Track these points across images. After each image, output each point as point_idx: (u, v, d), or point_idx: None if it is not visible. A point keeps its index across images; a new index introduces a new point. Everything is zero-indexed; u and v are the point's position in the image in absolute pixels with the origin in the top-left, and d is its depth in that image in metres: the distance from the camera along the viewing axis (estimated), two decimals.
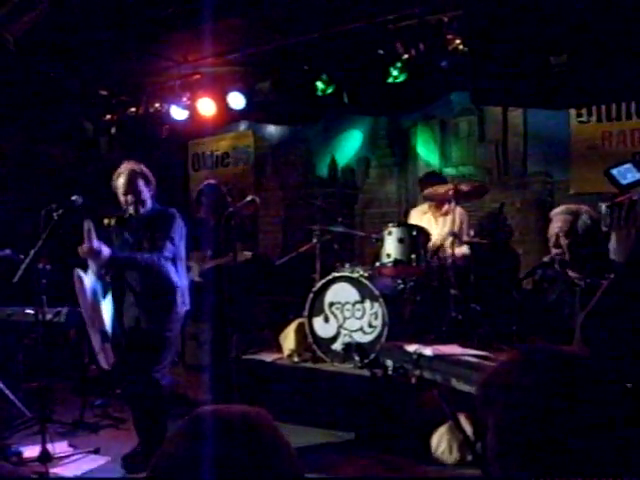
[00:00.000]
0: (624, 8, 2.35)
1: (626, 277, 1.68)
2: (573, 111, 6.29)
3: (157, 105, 7.65)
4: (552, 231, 3.45)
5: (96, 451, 4.54)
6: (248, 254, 5.77)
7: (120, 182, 4.39)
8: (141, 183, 4.40)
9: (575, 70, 2.53)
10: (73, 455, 4.49)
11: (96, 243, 4.03)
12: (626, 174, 1.76)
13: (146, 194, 4.41)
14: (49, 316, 5.25)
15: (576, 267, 3.42)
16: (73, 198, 4.53)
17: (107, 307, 4.28)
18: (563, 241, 3.36)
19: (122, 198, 4.40)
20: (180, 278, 4.44)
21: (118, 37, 6.12)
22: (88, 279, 4.14)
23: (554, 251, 3.43)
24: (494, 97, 3.00)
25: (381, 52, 6.16)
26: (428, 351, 3.60)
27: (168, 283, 4.33)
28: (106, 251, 4.07)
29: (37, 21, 5.39)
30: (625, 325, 1.62)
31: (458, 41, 5.43)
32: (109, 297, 4.32)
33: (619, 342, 1.61)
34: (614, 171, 1.79)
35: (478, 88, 2.78)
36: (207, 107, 7.43)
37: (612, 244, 3.78)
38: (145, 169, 4.49)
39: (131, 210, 4.38)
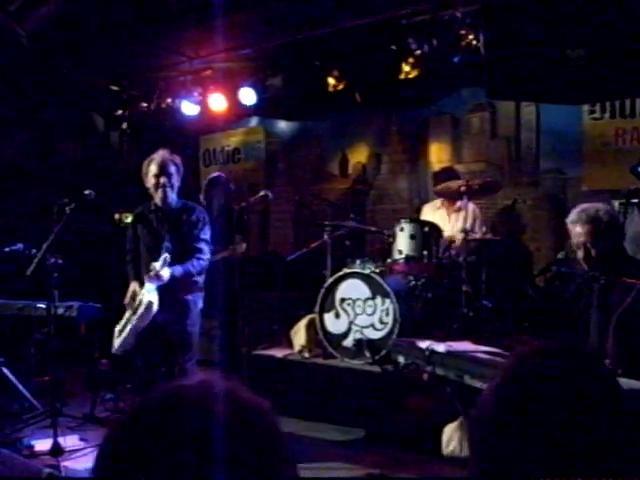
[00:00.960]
0: None
1: None
2: (586, 107, 6.25)
3: (169, 100, 7.65)
4: (578, 243, 3.41)
5: None
6: (242, 246, 5.74)
7: (152, 167, 4.49)
8: (173, 169, 4.49)
9: (592, 64, 2.50)
10: (84, 449, 4.51)
11: (163, 271, 4.23)
12: None
13: (176, 181, 4.51)
14: (61, 310, 5.25)
15: (600, 266, 3.38)
16: (86, 192, 4.57)
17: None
18: (593, 252, 3.33)
19: (153, 181, 4.47)
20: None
21: (130, 32, 6.12)
22: (155, 299, 4.27)
23: (580, 253, 3.40)
24: (510, 91, 2.97)
25: (393, 48, 6.13)
26: (441, 347, 3.57)
27: (200, 285, 4.55)
28: (168, 273, 4.25)
29: (50, 16, 5.39)
30: None
31: (471, 36, 5.41)
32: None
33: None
34: None
35: (494, 82, 2.75)
36: (218, 102, 7.43)
37: (629, 233, 3.75)
38: (178, 159, 4.62)
39: (159, 195, 4.46)
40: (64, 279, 4.85)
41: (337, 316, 5.61)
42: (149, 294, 4.25)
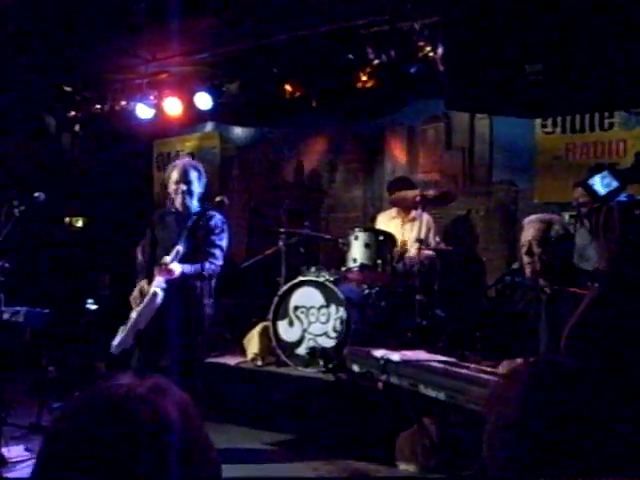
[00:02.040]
0: (601, 19, 2.37)
1: (609, 288, 1.68)
2: (538, 121, 6.37)
3: (123, 103, 7.53)
4: (525, 239, 3.47)
5: None
6: None
7: (174, 173, 4.59)
8: (194, 176, 4.59)
9: (549, 79, 2.54)
10: (30, 459, 4.37)
11: (173, 265, 4.30)
12: (603, 183, 1.74)
13: (197, 188, 4.61)
14: (6, 315, 5.10)
15: (546, 275, 3.44)
16: (36, 195, 4.46)
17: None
18: (536, 249, 3.38)
19: (173, 187, 4.58)
20: None
21: (85, 32, 6.01)
22: (160, 291, 4.31)
23: (526, 259, 3.46)
24: (468, 103, 3.00)
25: (351, 57, 6.16)
26: (395, 356, 3.59)
27: (211, 290, 4.70)
28: (178, 268, 4.32)
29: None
30: (610, 337, 1.62)
31: (429, 48, 5.47)
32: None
33: (604, 354, 1.61)
34: (591, 181, 1.77)
35: (452, 93, 2.77)
36: (174, 106, 7.35)
37: (577, 246, 3.83)
38: (200, 166, 4.73)
39: (179, 201, 4.56)
40: (11, 283, 4.72)
41: (291, 324, 5.59)
42: (156, 287, 4.29)
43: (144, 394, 0.94)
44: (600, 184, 1.76)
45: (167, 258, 4.28)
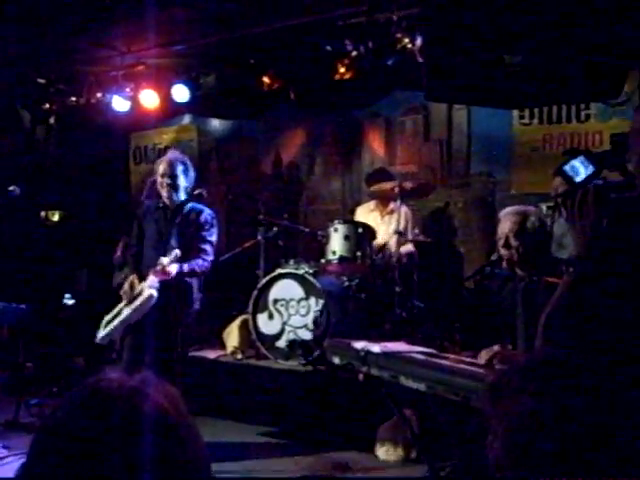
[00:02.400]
0: (581, 10, 2.38)
1: (583, 273, 1.68)
2: (516, 113, 6.41)
3: (99, 95, 7.44)
4: (501, 231, 3.48)
5: None
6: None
7: (160, 166, 4.55)
8: (180, 170, 4.53)
9: (528, 71, 2.55)
10: (7, 457, 4.32)
11: (172, 267, 4.25)
12: (579, 169, 1.74)
13: (182, 182, 4.55)
14: None
15: (524, 266, 3.46)
16: (10, 188, 4.41)
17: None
18: (513, 242, 3.39)
19: (159, 180, 4.54)
20: None
21: (59, 23, 5.92)
22: (155, 293, 4.27)
23: (503, 252, 3.47)
24: (448, 94, 3.00)
25: (329, 48, 6.14)
26: (376, 348, 3.58)
27: (200, 287, 4.67)
28: (174, 269, 4.27)
29: None
30: (587, 322, 1.62)
31: (407, 40, 5.47)
32: None
33: (582, 340, 1.61)
34: (567, 167, 1.76)
35: (432, 84, 2.77)
36: (150, 99, 7.27)
37: (555, 236, 3.85)
38: (188, 160, 4.69)
39: (164, 194, 4.51)
40: None
41: (270, 317, 5.58)
42: (151, 288, 4.25)
43: (137, 388, 0.94)
44: (576, 169, 1.75)
45: (165, 260, 4.22)
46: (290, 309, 5.51)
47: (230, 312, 6.25)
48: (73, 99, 7.63)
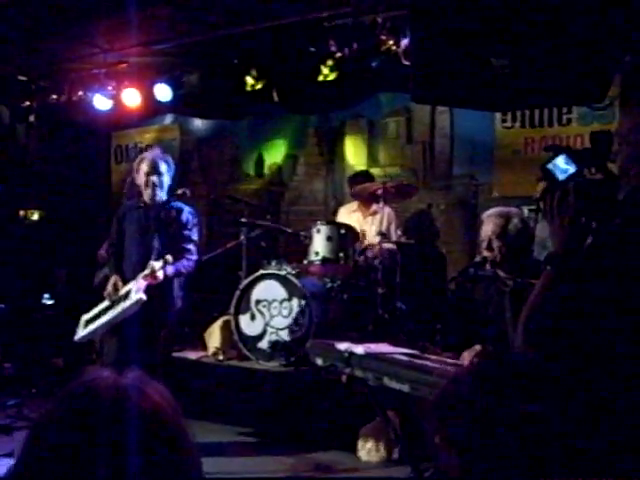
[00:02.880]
0: (566, 15, 2.40)
1: (561, 270, 1.68)
2: (498, 115, 6.45)
3: (80, 93, 7.37)
4: (484, 234, 3.49)
5: (10, 455, 4.30)
6: None
7: (143, 165, 4.48)
8: (164, 168, 4.50)
9: (514, 73, 2.57)
10: None
11: (160, 272, 4.23)
12: (561, 168, 1.75)
13: (167, 180, 4.52)
14: None
15: (507, 268, 3.48)
16: None
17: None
18: (495, 244, 3.41)
19: (143, 179, 4.46)
20: None
21: (40, 20, 5.86)
22: (144, 296, 4.22)
23: (486, 253, 3.49)
24: (435, 96, 3.01)
25: (313, 49, 6.13)
26: (359, 349, 3.58)
27: (182, 285, 4.61)
28: (162, 274, 4.24)
29: None
30: (568, 321, 1.63)
31: (391, 42, 5.47)
32: None
33: (562, 340, 1.62)
34: (550, 166, 1.77)
35: (419, 86, 2.78)
36: (132, 98, 7.21)
37: (538, 238, 3.87)
38: (169, 158, 4.64)
39: (149, 194, 4.45)
40: None
41: (252, 318, 5.56)
42: (139, 292, 4.20)
43: (131, 385, 0.93)
44: (559, 168, 1.76)
45: (157, 265, 4.21)
46: (272, 310, 5.49)
47: (212, 313, 6.21)
48: (54, 97, 7.55)
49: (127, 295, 4.26)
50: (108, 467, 0.86)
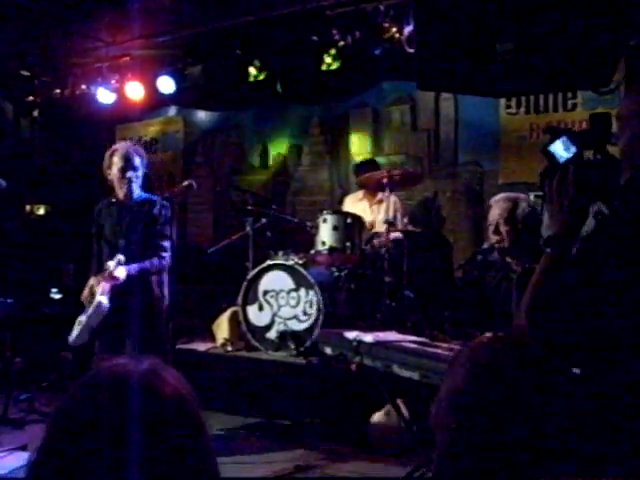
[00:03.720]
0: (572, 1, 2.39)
1: (561, 253, 1.68)
2: (503, 102, 6.43)
3: (83, 87, 7.37)
4: (492, 218, 3.48)
5: (23, 448, 4.34)
6: None
7: (116, 159, 4.24)
8: (138, 161, 4.28)
9: (519, 58, 2.55)
10: None
11: (118, 272, 4.03)
12: (562, 150, 1.74)
13: (141, 174, 4.30)
14: None
15: (514, 254, 3.46)
16: None
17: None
18: (503, 228, 3.39)
19: (118, 175, 4.23)
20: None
21: (42, 14, 5.86)
22: (104, 299, 4.08)
23: (493, 238, 3.47)
24: (440, 83, 3.00)
25: (315, 39, 6.11)
26: (368, 338, 3.60)
27: (163, 282, 4.34)
28: (123, 273, 4.06)
29: None
30: (569, 304, 1.63)
31: (394, 29, 5.45)
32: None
33: (564, 322, 1.62)
34: (551, 148, 1.76)
35: (424, 73, 2.77)
36: (136, 91, 7.22)
37: (545, 219, 3.85)
38: (142, 150, 4.44)
39: (124, 190, 4.24)
40: None
41: (260, 308, 5.57)
42: (102, 295, 4.05)
43: (154, 370, 0.94)
44: (560, 150, 1.75)
45: (111, 264, 4.03)
46: (280, 300, 5.50)
47: (220, 304, 6.23)
48: (57, 91, 7.56)
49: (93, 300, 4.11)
50: (134, 452, 0.86)
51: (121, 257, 4.05)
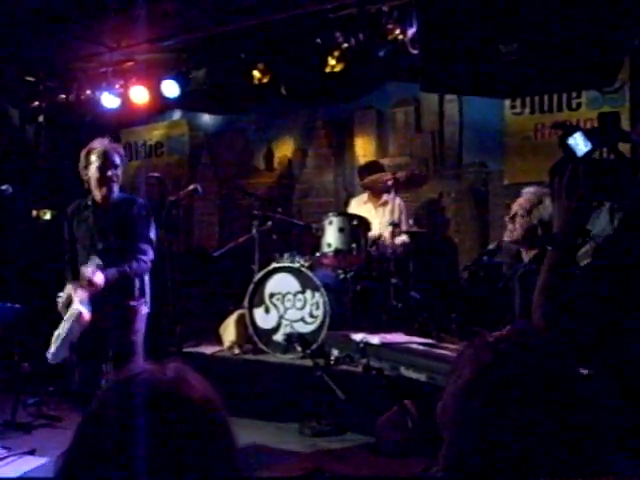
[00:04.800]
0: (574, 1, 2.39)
1: (568, 250, 1.67)
2: (507, 102, 6.42)
3: (88, 92, 7.39)
4: (515, 205, 3.45)
5: (32, 452, 4.36)
6: None
7: (93, 157, 4.02)
8: (118, 160, 4.06)
9: (524, 59, 2.56)
10: (6, 457, 4.29)
11: (96, 278, 3.80)
12: (580, 144, 1.72)
13: (120, 172, 4.09)
14: None
15: (524, 245, 3.43)
16: (3, 187, 4.36)
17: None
18: (519, 219, 3.37)
19: (96, 175, 4.00)
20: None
21: (47, 20, 5.88)
22: (84, 309, 3.84)
23: (508, 225, 3.44)
24: (444, 85, 3.00)
25: (319, 41, 6.11)
26: (375, 339, 3.61)
27: (142, 288, 4.15)
28: (101, 279, 3.81)
29: None
30: (587, 303, 1.63)
31: (398, 31, 5.45)
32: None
33: (571, 320, 1.62)
34: (570, 141, 1.73)
35: (428, 75, 2.77)
36: (140, 95, 7.24)
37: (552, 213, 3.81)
38: (121, 149, 4.24)
39: (104, 191, 4.03)
40: None
41: (267, 311, 5.58)
42: (80, 304, 3.82)
43: (181, 376, 0.95)
44: (578, 144, 1.74)
45: (88, 271, 3.79)
46: (286, 302, 5.51)
47: (226, 307, 6.24)
48: (62, 96, 7.59)
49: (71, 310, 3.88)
50: (162, 460, 0.86)
51: (99, 261, 3.83)
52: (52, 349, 3.93)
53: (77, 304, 3.82)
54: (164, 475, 0.86)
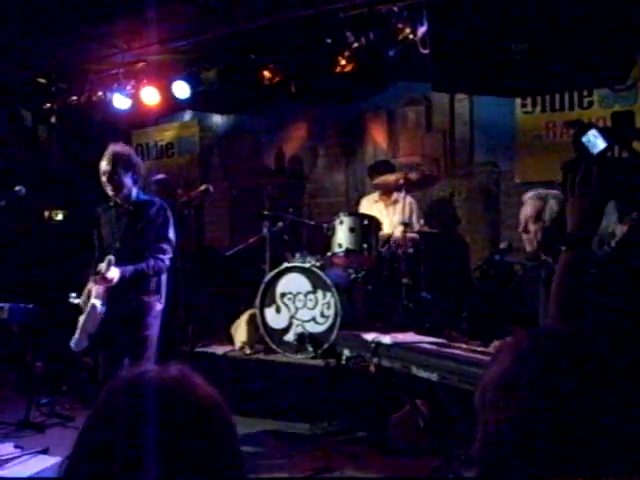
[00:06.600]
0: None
1: (583, 250, 1.66)
2: (518, 101, 6.40)
3: (99, 93, 7.43)
4: (522, 216, 3.42)
5: (45, 451, 4.39)
6: None
7: (102, 162, 4.17)
8: (120, 167, 4.14)
9: (534, 58, 2.55)
10: (20, 456, 4.32)
11: (110, 273, 3.93)
12: (595, 142, 1.70)
13: (125, 180, 4.17)
14: None
15: (545, 251, 3.41)
16: (17, 188, 4.39)
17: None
18: (531, 227, 3.35)
19: (102, 178, 4.17)
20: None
21: (58, 22, 5.91)
22: (98, 302, 4.03)
23: (524, 237, 3.43)
24: (455, 84, 2.99)
25: (329, 41, 6.12)
26: (386, 339, 3.58)
27: (158, 285, 4.28)
28: (114, 275, 3.95)
29: None
30: (594, 302, 1.62)
31: (408, 30, 5.45)
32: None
33: (586, 318, 1.61)
34: (585, 139, 1.71)
35: (439, 75, 2.77)
36: (151, 96, 7.27)
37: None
38: (129, 153, 4.29)
39: (110, 194, 4.19)
40: None
41: (278, 311, 5.58)
42: (96, 298, 4.01)
43: (185, 377, 0.95)
44: (592, 142, 1.71)
45: (102, 266, 3.93)
46: (297, 302, 5.51)
47: (237, 307, 6.25)
48: (74, 98, 7.62)
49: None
50: (168, 460, 0.87)
51: (111, 258, 3.94)
52: (75, 337, 4.11)
53: (93, 298, 4.03)
54: (167, 474, 0.86)
